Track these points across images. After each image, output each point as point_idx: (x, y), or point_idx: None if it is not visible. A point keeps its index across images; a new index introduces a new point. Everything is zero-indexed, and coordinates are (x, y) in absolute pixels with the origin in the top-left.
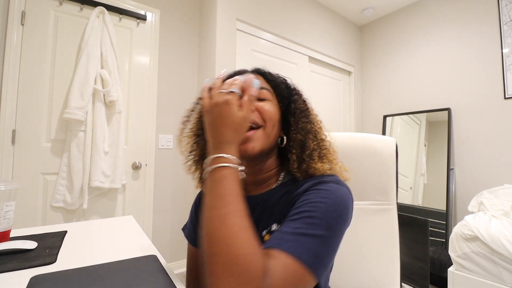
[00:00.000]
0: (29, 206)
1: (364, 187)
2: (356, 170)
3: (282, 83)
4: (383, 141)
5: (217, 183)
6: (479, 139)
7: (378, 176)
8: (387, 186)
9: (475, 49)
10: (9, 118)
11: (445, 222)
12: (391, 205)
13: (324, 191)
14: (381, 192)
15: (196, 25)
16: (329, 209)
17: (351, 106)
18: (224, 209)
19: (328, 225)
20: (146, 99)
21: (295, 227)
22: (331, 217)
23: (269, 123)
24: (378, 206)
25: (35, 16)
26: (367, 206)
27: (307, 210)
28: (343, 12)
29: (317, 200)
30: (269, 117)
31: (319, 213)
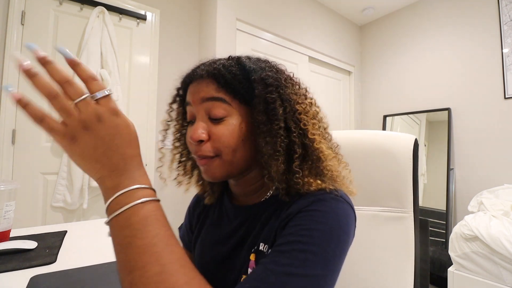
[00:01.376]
0: (29, 206)
1: (374, 192)
2: (366, 173)
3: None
4: (399, 139)
5: (138, 231)
6: (479, 139)
7: (391, 180)
8: (401, 191)
9: (475, 49)
10: (9, 118)
11: (445, 222)
12: (407, 213)
13: (320, 212)
14: (394, 197)
15: (196, 25)
16: (326, 238)
17: (351, 106)
18: (158, 267)
19: (325, 260)
20: (146, 99)
21: (283, 263)
22: (329, 249)
23: (226, 150)
24: (391, 213)
25: (35, 16)
26: (378, 213)
27: (299, 240)
28: (343, 12)
29: (312, 226)
30: (225, 145)
31: (314, 246)
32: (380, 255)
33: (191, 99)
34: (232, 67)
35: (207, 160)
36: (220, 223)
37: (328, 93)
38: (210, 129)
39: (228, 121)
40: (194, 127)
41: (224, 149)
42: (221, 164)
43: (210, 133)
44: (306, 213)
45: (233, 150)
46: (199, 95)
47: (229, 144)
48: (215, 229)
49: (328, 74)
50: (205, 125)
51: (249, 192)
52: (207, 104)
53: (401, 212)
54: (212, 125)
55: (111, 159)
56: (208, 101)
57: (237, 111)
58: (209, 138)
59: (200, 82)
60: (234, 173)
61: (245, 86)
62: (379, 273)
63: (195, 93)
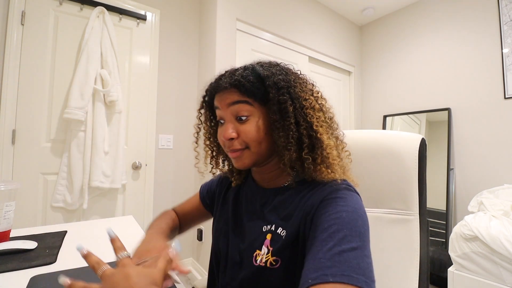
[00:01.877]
0: (29, 206)
1: (379, 193)
2: (370, 173)
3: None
4: (405, 139)
5: None
6: (479, 139)
7: (396, 181)
8: (407, 192)
9: (475, 49)
10: (9, 118)
11: (445, 222)
12: (412, 216)
13: (341, 199)
14: (399, 199)
15: (196, 25)
16: (354, 217)
17: (351, 106)
18: None
19: (359, 234)
20: (146, 99)
21: (328, 247)
22: (357, 225)
23: (253, 144)
24: (396, 215)
25: (35, 16)
26: (382, 215)
27: (332, 224)
28: (343, 12)
29: (338, 209)
30: (251, 139)
31: (345, 225)
32: (384, 258)
33: (219, 104)
34: (249, 76)
35: (238, 152)
36: (243, 201)
37: (328, 93)
38: (238, 127)
39: (251, 119)
40: (224, 128)
41: (251, 143)
42: (250, 155)
43: (238, 131)
44: (328, 201)
45: (259, 142)
46: (225, 101)
47: (255, 138)
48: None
49: (328, 74)
50: (233, 125)
51: (269, 178)
52: (233, 107)
53: (406, 214)
54: (239, 124)
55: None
56: (234, 105)
57: (258, 111)
58: (238, 135)
59: (225, 92)
60: (260, 161)
61: (261, 91)
62: (383, 276)
63: (222, 100)
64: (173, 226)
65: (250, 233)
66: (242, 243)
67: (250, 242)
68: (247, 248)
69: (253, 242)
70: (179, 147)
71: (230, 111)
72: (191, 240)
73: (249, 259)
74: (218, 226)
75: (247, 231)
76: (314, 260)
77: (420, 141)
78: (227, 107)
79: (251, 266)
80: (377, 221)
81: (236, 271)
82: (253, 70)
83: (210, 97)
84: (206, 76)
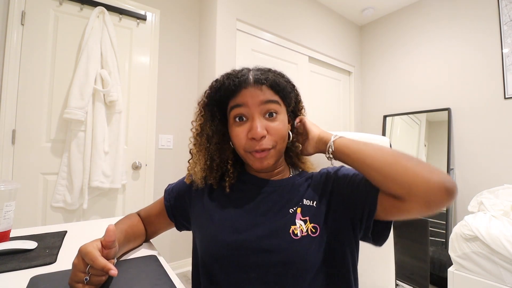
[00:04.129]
0: (29, 206)
1: None
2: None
3: (290, 88)
4: (377, 140)
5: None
6: (479, 139)
7: None
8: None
9: (475, 49)
10: (9, 118)
11: (445, 222)
12: None
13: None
14: None
15: (196, 25)
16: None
17: (351, 106)
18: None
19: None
20: (146, 99)
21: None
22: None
23: (280, 142)
24: None
25: (35, 16)
26: None
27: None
28: (343, 12)
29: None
30: (280, 136)
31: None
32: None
33: (245, 101)
34: (280, 78)
35: (266, 152)
36: (250, 194)
37: (328, 93)
38: (268, 126)
39: (279, 117)
40: (253, 125)
41: (279, 140)
42: (275, 154)
43: (267, 129)
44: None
45: (284, 140)
46: (258, 98)
47: (283, 136)
48: (239, 200)
49: (328, 74)
50: (262, 123)
51: (275, 173)
52: (265, 105)
53: None
54: (268, 122)
55: None
56: (267, 103)
57: (283, 109)
58: (268, 133)
59: (256, 88)
60: (278, 160)
61: (288, 93)
62: (364, 263)
63: (254, 96)
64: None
65: (277, 219)
66: (266, 231)
67: (281, 224)
68: (279, 230)
69: (285, 223)
70: (179, 147)
71: (261, 108)
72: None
73: (286, 237)
74: (209, 231)
75: (269, 219)
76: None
77: (389, 142)
78: (258, 105)
79: (290, 242)
80: None
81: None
82: (281, 74)
83: (224, 93)
84: (206, 76)
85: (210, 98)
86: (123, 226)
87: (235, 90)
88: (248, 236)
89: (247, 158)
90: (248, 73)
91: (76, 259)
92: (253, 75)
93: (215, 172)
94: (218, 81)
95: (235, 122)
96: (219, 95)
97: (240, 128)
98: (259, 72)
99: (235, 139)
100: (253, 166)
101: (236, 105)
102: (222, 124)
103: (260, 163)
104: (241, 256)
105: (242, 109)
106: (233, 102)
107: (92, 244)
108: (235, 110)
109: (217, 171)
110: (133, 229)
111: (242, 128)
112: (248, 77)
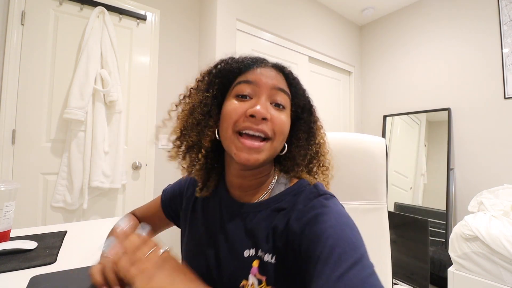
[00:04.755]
0: (29, 206)
1: (355, 187)
2: (347, 171)
3: (301, 89)
4: (374, 141)
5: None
6: (479, 139)
7: (368, 176)
8: (378, 186)
9: (475, 49)
10: (9, 118)
11: (445, 222)
12: (381, 205)
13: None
14: (371, 192)
15: (196, 25)
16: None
17: (351, 106)
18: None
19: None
20: (146, 99)
21: (328, 275)
22: (347, 236)
23: (279, 137)
24: (369, 205)
25: (35, 16)
26: (358, 206)
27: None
28: (343, 12)
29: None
30: (281, 131)
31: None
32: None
33: (257, 78)
34: (295, 77)
35: (260, 143)
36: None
37: (328, 93)
38: (272, 112)
39: (285, 113)
40: (258, 102)
41: (278, 134)
42: (269, 149)
43: (272, 116)
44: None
45: (283, 138)
46: (271, 81)
47: (284, 131)
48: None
49: (328, 74)
50: (268, 107)
51: (246, 188)
52: (277, 92)
53: (376, 204)
54: (273, 110)
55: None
56: (278, 90)
57: (289, 108)
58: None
59: (271, 71)
60: (270, 159)
61: (299, 91)
62: None
63: (267, 77)
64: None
65: (229, 258)
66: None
67: (232, 271)
68: (230, 277)
69: (236, 270)
70: None
71: (271, 92)
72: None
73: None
74: (189, 246)
75: (224, 255)
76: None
77: (384, 143)
78: (270, 88)
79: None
80: (353, 212)
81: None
82: (296, 75)
83: (236, 66)
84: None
85: (219, 68)
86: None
87: (250, 65)
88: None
89: (232, 143)
90: (266, 59)
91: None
92: (272, 62)
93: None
94: (233, 58)
95: (236, 98)
96: (230, 66)
97: (239, 103)
98: (280, 64)
99: (227, 115)
100: (235, 156)
101: (245, 80)
102: (213, 100)
103: (247, 154)
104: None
105: (250, 86)
106: (243, 77)
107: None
108: (242, 86)
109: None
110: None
111: (242, 104)
112: (266, 60)
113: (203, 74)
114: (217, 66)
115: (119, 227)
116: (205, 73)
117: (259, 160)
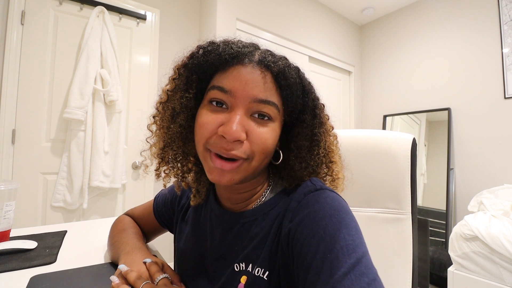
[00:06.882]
0: (29, 206)
1: (372, 193)
2: (364, 173)
3: (299, 90)
4: (397, 139)
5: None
6: (479, 139)
7: (389, 181)
8: (400, 192)
9: (475, 49)
10: (9, 118)
11: (445, 222)
12: (405, 215)
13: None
14: (392, 198)
15: (196, 25)
16: (335, 229)
17: (351, 106)
18: None
19: (350, 246)
20: (146, 98)
21: (325, 279)
22: (342, 237)
23: (259, 156)
24: (389, 214)
25: (35, 16)
26: (376, 214)
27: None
28: (343, 12)
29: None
30: (262, 150)
31: (329, 244)
32: (378, 258)
33: (235, 88)
34: (292, 72)
35: (236, 163)
36: (205, 226)
37: (328, 93)
38: (250, 128)
39: (271, 126)
40: (231, 121)
41: (258, 154)
42: (246, 169)
43: (248, 133)
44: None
45: (266, 156)
46: (252, 91)
47: (266, 150)
48: (199, 231)
49: (328, 74)
50: (243, 123)
51: (237, 200)
52: (258, 105)
53: (398, 213)
54: (253, 125)
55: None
56: (261, 103)
57: (280, 117)
58: (246, 138)
59: (254, 72)
60: (248, 179)
61: (296, 93)
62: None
63: (247, 84)
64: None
65: (220, 270)
66: (212, 281)
67: (223, 283)
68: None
69: (226, 284)
70: None
71: (250, 106)
72: None
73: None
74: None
75: (212, 269)
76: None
77: (412, 140)
78: (249, 100)
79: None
80: (370, 220)
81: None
82: (296, 68)
83: (213, 60)
84: None
85: (194, 61)
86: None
87: (229, 62)
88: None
89: (204, 160)
90: (255, 50)
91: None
92: (260, 53)
93: (172, 168)
94: (212, 43)
95: (210, 105)
96: (205, 60)
97: (212, 116)
98: (269, 53)
99: (198, 129)
100: (208, 175)
101: (219, 87)
102: (196, 101)
103: (218, 175)
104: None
105: (225, 96)
106: (218, 80)
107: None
108: (215, 93)
109: (173, 167)
110: (139, 233)
111: (215, 117)
112: (253, 53)
113: (178, 68)
114: (192, 56)
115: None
116: (180, 67)
117: (234, 180)
